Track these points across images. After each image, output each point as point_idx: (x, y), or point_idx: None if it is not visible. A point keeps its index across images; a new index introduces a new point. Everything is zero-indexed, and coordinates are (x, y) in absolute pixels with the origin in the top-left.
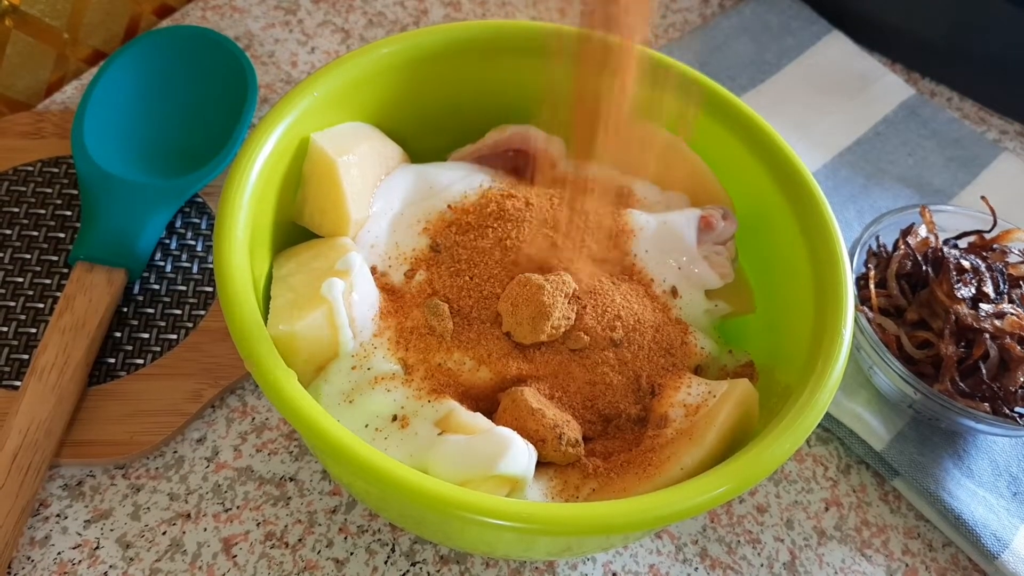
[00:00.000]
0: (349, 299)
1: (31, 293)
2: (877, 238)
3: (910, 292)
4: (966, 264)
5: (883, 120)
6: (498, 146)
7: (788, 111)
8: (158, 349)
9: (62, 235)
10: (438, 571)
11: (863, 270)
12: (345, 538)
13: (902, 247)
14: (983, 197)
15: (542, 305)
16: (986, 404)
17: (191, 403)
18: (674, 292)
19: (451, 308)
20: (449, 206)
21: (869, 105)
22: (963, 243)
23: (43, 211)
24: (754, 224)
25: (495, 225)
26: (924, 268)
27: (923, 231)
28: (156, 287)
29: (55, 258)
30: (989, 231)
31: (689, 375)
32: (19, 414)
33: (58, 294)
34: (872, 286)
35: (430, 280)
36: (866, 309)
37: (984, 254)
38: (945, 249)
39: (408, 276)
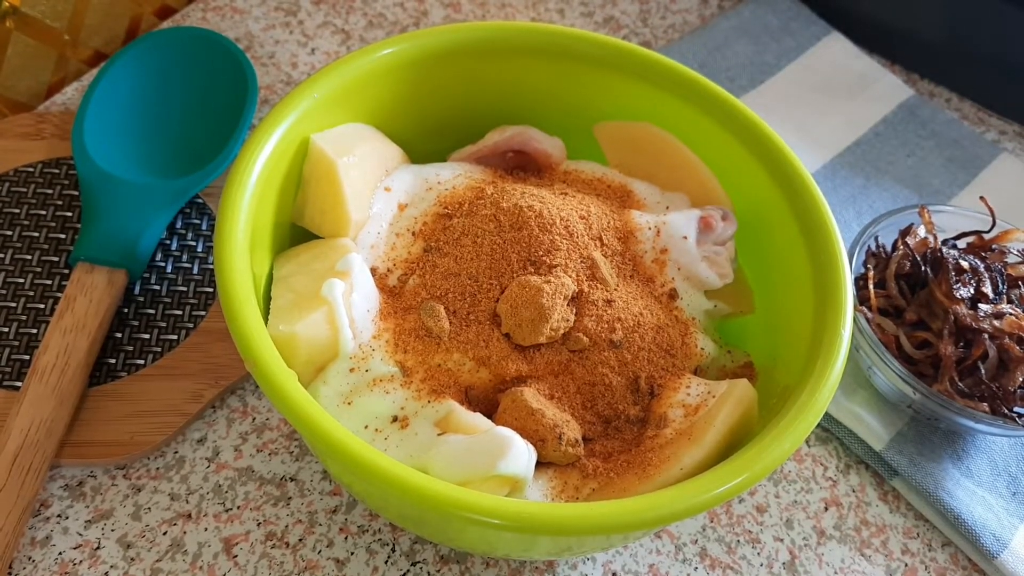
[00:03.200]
0: (349, 300)
1: (32, 294)
2: (876, 238)
3: (909, 292)
4: (965, 264)
5: (882, 121)
6: (498, 147)
7: (787, 112)
8: (159, 350)
9: (63, 236)
10: (438, 571)
11: (862, 270)
12: (346, 538)
13: (901, 247)
14: (982, 197)
15: (541, 307)
16: (985, 404)
17: (192, 403)
18: (674, 293)
19: (447, 309)
20: (445, 206)
21: (868, 106)
22: (962, 243)
23: (44, 212)
24: (754, 225)
25: (490, 227)
26: (923, 268)
27: (922, 231)
28: (157, 288)
29: (56, 259)
30: (988, 231)
31: (688, 375)
32: (20, 415)
33: (59, 295)
34: (871, 286)
35: (425, 283)
36: (865, 309)
37: (983, 254)
38: (944, 249)
39: (403, 279)
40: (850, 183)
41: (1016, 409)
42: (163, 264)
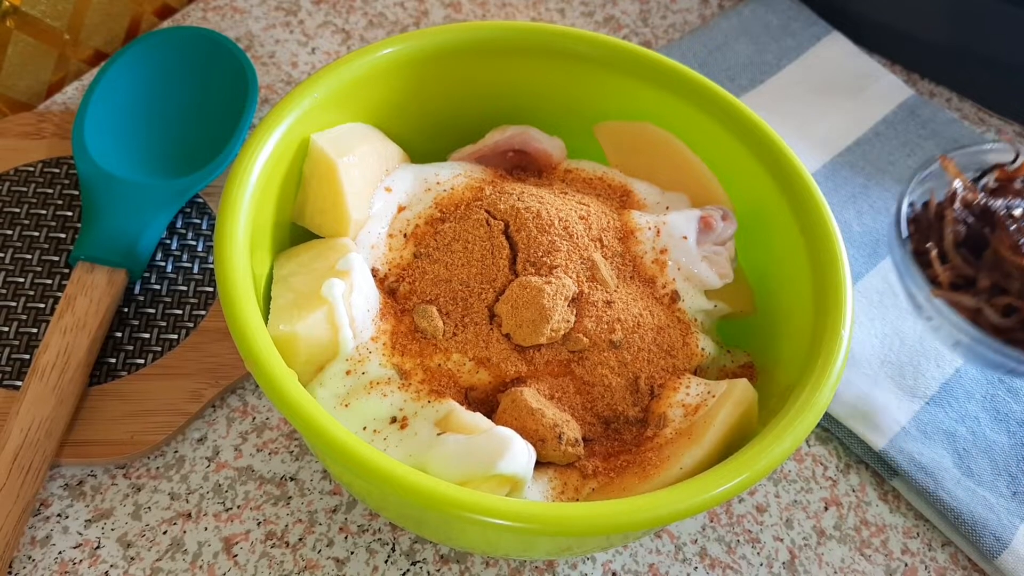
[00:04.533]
0: (349, 300)
1: (32, 293)
2: (912, 206)
3: (972, 258)
4: (1017, 212)
5: (883, 120)
6: (498, 146)
7: (788, 112)
8: (159, 349)
9: (63, 235)
10: (438, 570)
11: (908, 243)
12: (345, 537)
13: (949, 214)
14: (1000, 132)
15: (542, 308)
16: None
17: (192, 403)
18: (674, 293)
19: (440, 311)
20: (440, 208)
21: (869, 105)
22: (988, 180)
23: (44, 211)
24: (754, 224)
25: (482, 232)
26: (981, 227)
27: (958, 187)
28: (157, 287)
29: (56, 258)
30: (1012, 163)
31: (688, 375)
32: (20, 414)
33: (59, 294)
34: (938, 265)
35: (415, 289)
36: (942, 293)
37: (1016, 188)
38: (988, 200)
39: (400, 279)
40: (850, 183)
41: None
42: (163, 263)
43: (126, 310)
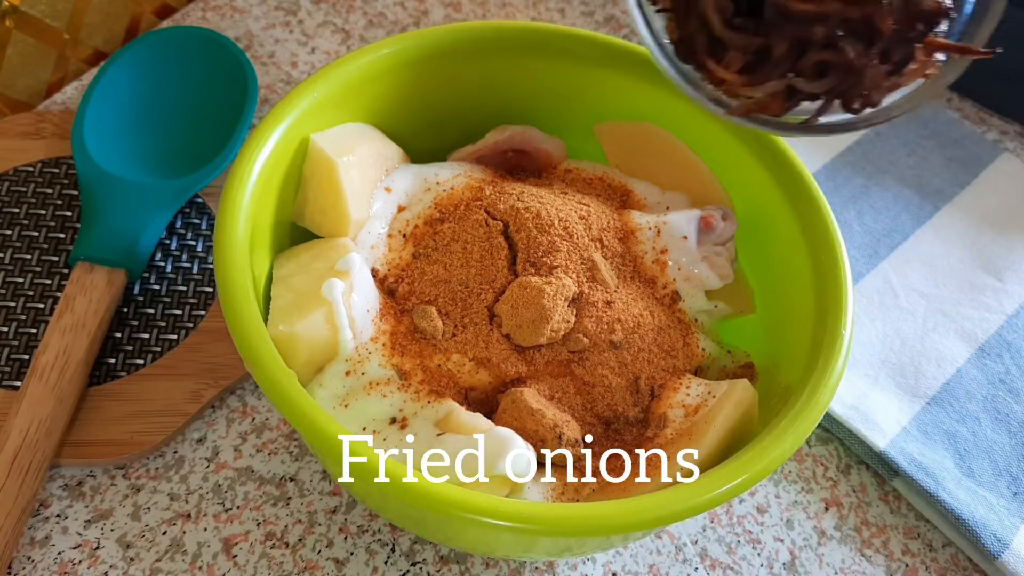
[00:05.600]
0: (349, 300)
1: (31, 293)
2: None
3: (753, 24)
4: None
5: None
6: (498, 146)
7: None
8: (158, 349)
9: (62, 235)
10: (438, 571)
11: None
12: (345, 538)
13: None
14: (1002, 132)
15: (542, 308)
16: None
17: (191, 403)
18: (674, 293)
19: (440, 311)
20: (440, 208)
21: None
22: None
23: (43, 211)
24: (754, 225)
25: (481, 232)
26: None
27: None
28: (156, 287)
29: (55, 258)
30: None
31: (688, 376)
32: (19, 414)
33: (58, 294)
34: (713, 64)
35: (415, 290)
36: (743, 107)
37: None
38: None
39: (400, 279)
40: (851, 183)
41: None
42: (163, 264)
43: (125, 310)
